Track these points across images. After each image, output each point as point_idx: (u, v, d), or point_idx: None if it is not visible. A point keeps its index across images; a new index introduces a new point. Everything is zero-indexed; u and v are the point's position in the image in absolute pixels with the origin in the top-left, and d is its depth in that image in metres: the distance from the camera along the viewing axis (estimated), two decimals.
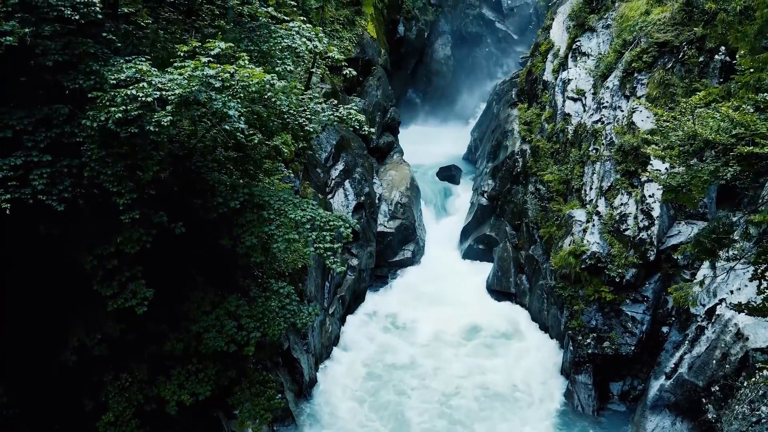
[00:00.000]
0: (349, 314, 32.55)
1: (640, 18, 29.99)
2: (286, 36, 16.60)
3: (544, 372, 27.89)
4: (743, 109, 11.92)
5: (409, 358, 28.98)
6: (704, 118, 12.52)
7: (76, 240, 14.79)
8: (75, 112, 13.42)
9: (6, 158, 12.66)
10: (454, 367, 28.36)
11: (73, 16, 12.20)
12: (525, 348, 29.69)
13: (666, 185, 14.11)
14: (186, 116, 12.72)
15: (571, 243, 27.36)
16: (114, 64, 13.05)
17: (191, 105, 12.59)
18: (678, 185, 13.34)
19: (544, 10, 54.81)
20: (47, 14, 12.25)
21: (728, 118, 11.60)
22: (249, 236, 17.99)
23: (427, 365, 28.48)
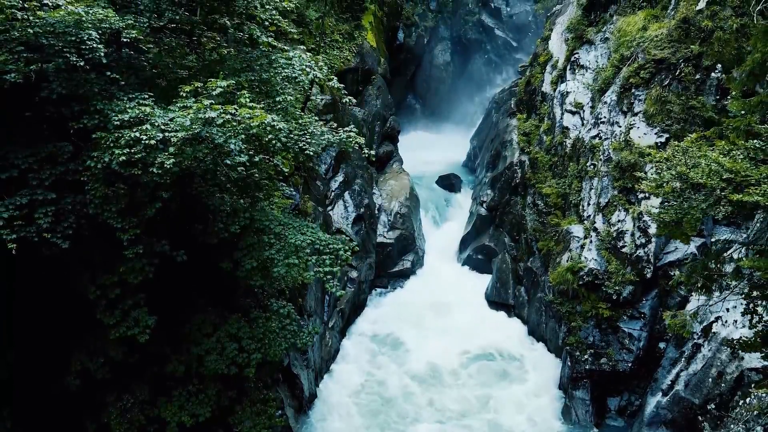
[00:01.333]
0: (348, 326, 32.77)
1: (637, 34, 30.17)
2: (285, 65, 16.81)
3: (543, 389, 28.09)
4: (734, 155, 12.16)
5: (408, 375, 29.09)
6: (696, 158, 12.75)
7: (79, 270, 15.01)
8: (79, 145, 13.65)
9: (12, 197, 12.90)
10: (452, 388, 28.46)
11: (78, 63, 12.42)
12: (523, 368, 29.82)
13: (659, 220, 14.35)
14: (188, 157, 12.92)
15: (569, 259, 27.59)
16: (118, 104, 13.27)
17: (194, 144, 12.81)
18: (671, 220, 13.58)
19: (543, 18, 54.98)
20: (52, 58, 12.48)
21: (718, 163, 11.84)
22: (249, 260, 18.24)
23: (426, 382, 28.59)
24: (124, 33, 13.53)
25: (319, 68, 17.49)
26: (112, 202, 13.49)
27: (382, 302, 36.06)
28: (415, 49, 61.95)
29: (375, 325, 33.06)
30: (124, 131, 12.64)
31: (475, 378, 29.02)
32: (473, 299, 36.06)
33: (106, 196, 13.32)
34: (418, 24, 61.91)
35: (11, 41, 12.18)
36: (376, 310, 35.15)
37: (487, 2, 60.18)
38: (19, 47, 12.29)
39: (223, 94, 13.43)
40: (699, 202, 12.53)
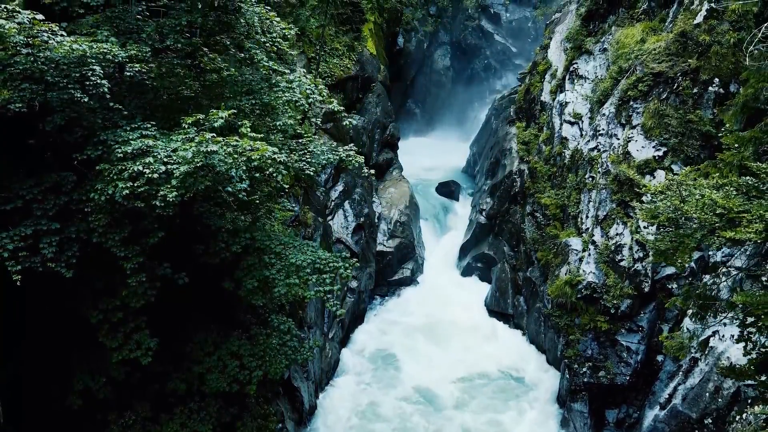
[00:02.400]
0: (348, 337, 32.97)
1: (635, 46, 30.30)
2: (286, 89, 16.97)
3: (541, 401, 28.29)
4: (727, 191, 12.33)
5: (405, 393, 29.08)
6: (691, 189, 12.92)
7: (81, 294, 15.19)
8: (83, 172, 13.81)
9: (17, 227, 13.08)
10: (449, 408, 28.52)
11: (83, 99, 12.60)
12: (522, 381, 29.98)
13: (654, 248, 14.51)
14: (191, 189, 13.10)
15: (568, 272, 27.76)
16: (121, 134, 13.45)
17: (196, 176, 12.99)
18: (666, 249, 13.76)
19: (543, 24, 55.13)
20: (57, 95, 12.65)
21: (711, 200, 12.01)
22: (250, 280, 18.41)
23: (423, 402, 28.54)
24: (128, 67, 13.68)
25: (318, 91, 17.67)
26: (116, 230, 13.68)
27: (382, 311, 36.25)
28: (415, 54, 62.19)
29: (374, 339, 33.05)
30: (128, 163, 12.82)
31: (471, 394, 28.98)
32: (473, 308, 36.25)
33: (109, 225, 13.50)
34: (418, 29, 62.10)
35: (15, 77, 12.34)
36: (376, 319, 35.35)
37: (486, 8, 60.32)
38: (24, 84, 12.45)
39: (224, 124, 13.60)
40: (694, 231, 12.71)
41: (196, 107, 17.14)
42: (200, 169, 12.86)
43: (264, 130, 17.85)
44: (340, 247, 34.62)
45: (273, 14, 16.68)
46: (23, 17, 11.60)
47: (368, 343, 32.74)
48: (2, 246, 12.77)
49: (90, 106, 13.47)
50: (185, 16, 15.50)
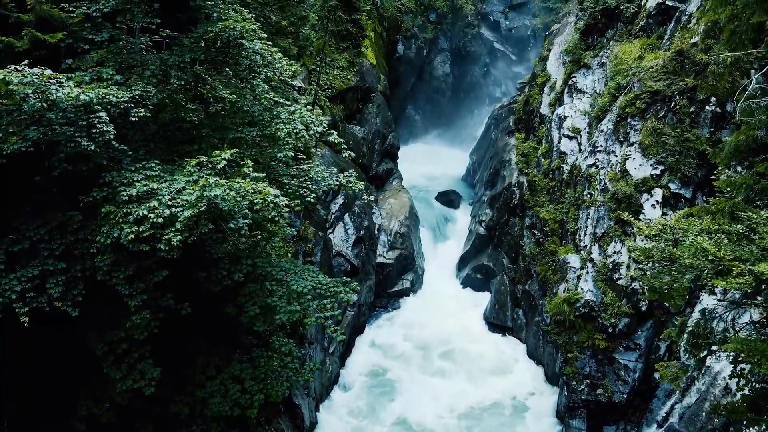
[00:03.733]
0: (349, 351, 33.17)
1: (633, 63, 30.53)
2: (287, 121, 17.22)
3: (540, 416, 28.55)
4: (719, 238, 12.59)
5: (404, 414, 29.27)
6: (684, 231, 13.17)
7: (87, 327, 15.45)
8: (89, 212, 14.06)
9: (24, 268, 13.33)
10: None
11: (89, 146, 12.85)
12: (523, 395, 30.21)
13: (650, 286, 14.77)
14: (195, 233, 13.36)
15: (566, 290, 28.02)
16: (126, 176, 13.70)
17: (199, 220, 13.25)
18: (661, 287, 14.01)
19: (542, 32, 55.36)
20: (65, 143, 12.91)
21: (703, 249, 12.25)
22: (252, 306, 18.67)
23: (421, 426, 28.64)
24: (133, 112, 13.92)
25: (319, 122, 17.92)
26: (120, 269, 13.93)
27: (382, 324, 36.46)
28: (415, 61, 62.39)
29: (374, 356, 33.01)
30: (133, 206, 13.08)
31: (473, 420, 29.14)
32: (472, 321, 36.48)
33: (114, 263, 13.76)
34: (418, 36, 62.29)
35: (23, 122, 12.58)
36: (376, 332, 35.55)
37: (486, 15, 60.60)
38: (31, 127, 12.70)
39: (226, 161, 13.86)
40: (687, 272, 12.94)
41: (198, 137, 17.39)
42: (204, 213, 13.11)
43: (266, 159, 18.12)
44: (340, 260, 34.87)
45: (275, 50, 16.91)
46: (32, 76, 11.82)
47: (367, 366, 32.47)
48: (10, 288, 13.05)
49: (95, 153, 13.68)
50: (188, 53, 15.75)
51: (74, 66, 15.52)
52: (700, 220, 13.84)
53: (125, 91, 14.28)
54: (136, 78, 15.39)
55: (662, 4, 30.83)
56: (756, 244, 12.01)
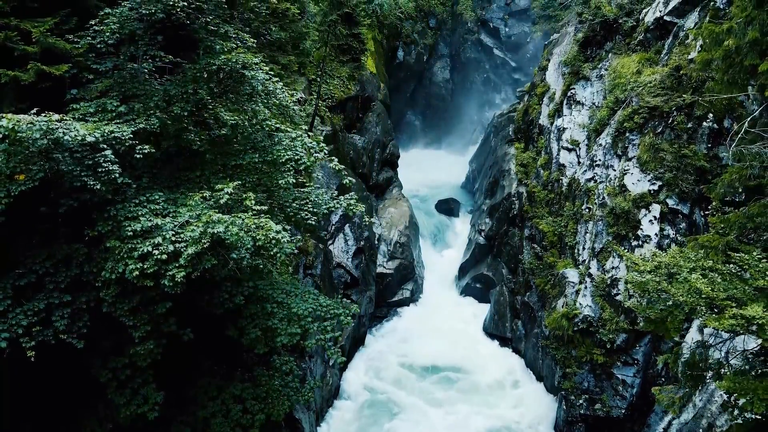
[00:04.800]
0: (349, 362, 33.39)
1: (631, 77, 30.73)
2: (288, 148, 17.44)
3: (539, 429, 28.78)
4: (712, 277, 12.81)
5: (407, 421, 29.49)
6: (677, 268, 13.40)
7: (91, 355, 15.67)
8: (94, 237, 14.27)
9: (30, 301, 13.55)
10: None
11: (95, 186, 13.07)
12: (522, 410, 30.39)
13: (645, 316, 14.99)
14: (198, 269, 13.57)
15: (564, 305, 28.25)
16: (130, 210, 13.92)
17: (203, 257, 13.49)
18: (656, 319, 14.23)
19: (542, 40, 55.55)
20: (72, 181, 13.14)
21: (696, 289, 12.47)
22: (253, 329, 18.87)
23: None
24: (138, 149, 14.14)
25: (320, 149, 18.13)
26: (124, 301, 14.16)
27: (382, 335, 36.68)
28: (415, 67, 62.66)
29: (373, 373, 33.06)
30: (137, 242, 13.29)
31: None
32: (471, 332, 36.80)
33: (118, 295, 14.00)
34: (418, 42, 62.57)
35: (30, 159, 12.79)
36: (376, 343, 35.77)
37: (485, 22, 60.78)
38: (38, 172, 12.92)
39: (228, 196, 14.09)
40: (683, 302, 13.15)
41: (201, 163, 17.60)
42: (207, 250, 13.34)
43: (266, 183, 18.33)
44: (340, 271, 35.11)
45: (276, 80, 17.12)
46: (40, 124, 12.03)
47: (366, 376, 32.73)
48: (17, 323, 13.27)
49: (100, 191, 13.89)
50: (191, 85, 15.96)
51: (79, 96, 15.71)
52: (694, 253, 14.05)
53: (130, 125, 14.49)
54: (140, 108, 15.59)
55: (660, 19, 31.00)
56: (748, 284, 12.26)
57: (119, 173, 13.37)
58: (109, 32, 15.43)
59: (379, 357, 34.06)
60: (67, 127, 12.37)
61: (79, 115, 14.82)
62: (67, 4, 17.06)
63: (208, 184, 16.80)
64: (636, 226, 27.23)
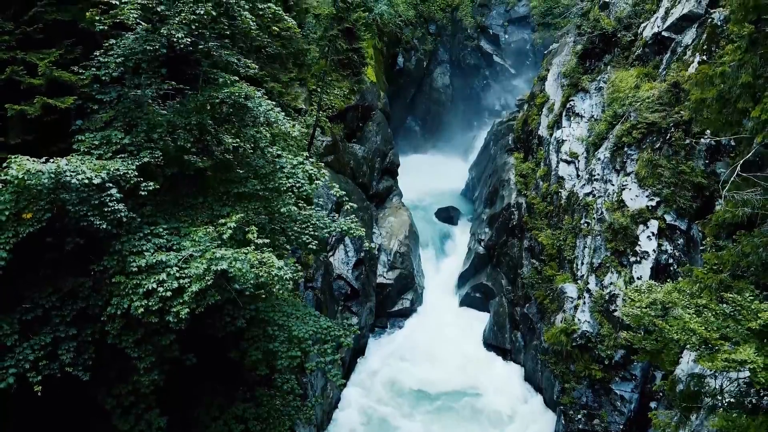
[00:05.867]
0: (349, 374, 33.62)
1: (630, 92, 30.92)
2: (290, 175, 17.68)
3: None
4: (705, 316, 13.05)
5: None
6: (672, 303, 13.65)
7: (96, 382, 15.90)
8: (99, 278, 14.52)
9: (37, 336, 13.81)
10: None
11: (101, 225, 13.31)
12: None
13: (641, 348, 15.23)
14: (202, 305, 13.83)
15: (563, 320, 28.49)
16: (135, 244, 14.17)
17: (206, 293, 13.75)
18: (652, 350, 14.47)
19: (541, 48, 55.69)
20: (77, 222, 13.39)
21: (690, 329, 12.71)
22: (254, 351, 19.12)
23: None
24: (143, 186, 14.37)
25: (321, 174, 18.39)
26: (129, 333, 14.41)
27: (382, 347, 36.79)
28: (415, 73, 62.81)
29: (373, 389, 33.18)
30: (142, 278, 13.55)
31: None
32: (471, 343, 36.92)
33: (123, 328, 14.25)
34: (418, 47, 62.74)
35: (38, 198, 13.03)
36: (376, 353, 35.93)
37: (485, 28, 60.93)
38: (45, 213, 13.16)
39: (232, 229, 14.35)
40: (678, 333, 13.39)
41: (203, 189, 17.84)
42: (211, 287, 13.59)
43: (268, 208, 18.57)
44: (341, 283, 35.34)
45: (278, 110, 17.35)
46: (49, 173, 12.26)
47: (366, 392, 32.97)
48: (24, 358, 13.52)
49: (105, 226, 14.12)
50: (194, 116, 16.20)
51: (84, 126, 15.95)
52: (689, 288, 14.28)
53: (134, 158, 14.73)
54: (144, 137, 15.82)
55: (658, 34, 31.21)
56: (741, 325, 12.50)
57: (124, 212, 13.59)
58: (114, 65, 15.65)
59: (379, 372, 34.16)
60: (74, 170, 12.59)
61: (85, 148, 15.05)
62: (71, 33, 17.32)
63: (210, 211, 17.05)
64: (634, 242, 27.46)
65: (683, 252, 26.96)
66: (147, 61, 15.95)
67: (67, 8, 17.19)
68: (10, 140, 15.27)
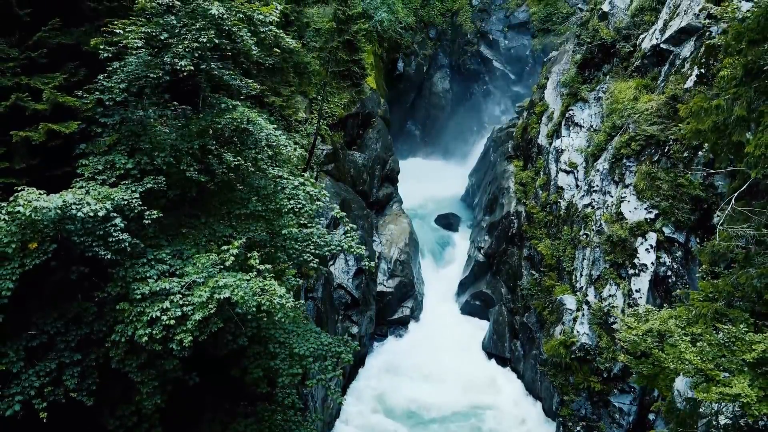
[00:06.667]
0: (350, 384, 33.81)
1: (628, 104, 31.13)
2: (291, 197, 17.89)
3: None
4: (700, 346, 13.25)
5: None
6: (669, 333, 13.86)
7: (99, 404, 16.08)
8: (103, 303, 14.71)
9: (41, 362, 14.00)
10: None
11: (105, 256, 13.51)
12: None
13: (638, 371, 15.43)
14: (205, 332, 14.04)
15: (562, 332, 28.69)
16: (138, 271, 14.36)
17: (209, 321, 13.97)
18: (648, 374, 14.67)
19: (541, 54, 55.91)
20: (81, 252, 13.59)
21: (687, 360, 12.92)
22: (256, 369, 19.30)
23: None
24: (146, 215, 14.56)
25: (322, 195, 18.59)
26: (133, 358, 14.61)
27: (382, 356, 36.94)
28: (415, 77, 63.04)
29: (371, 406, 33.29)
30: (146, 305, 13.74)
31: None
32: (471, 351, 37.11)
33: (126, 352, 14.44)
34: (418, 52, 62.98)
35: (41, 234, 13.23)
36: (376, 363, 36.11)
37: (485, 34, 61.10)
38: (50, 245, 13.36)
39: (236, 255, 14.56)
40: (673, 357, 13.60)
41: (205, 210, 18.02)
42: (214, 314, 13.80)
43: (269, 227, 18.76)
44: (341, 292, 35.52)
45: (280, 133, 17.54)
46: (56, 210, 12.45)
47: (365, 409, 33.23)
48: (30, 384, 13.72)
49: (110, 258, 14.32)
50: (197, 141, 16.39)
51: (87, 150, 16.11)
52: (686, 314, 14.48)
53: (138, 185, 14.92)
54: (147, 160, 16.01)
55: (657, 46, 31.39)
56: (736, 356, 12.69)
57: (128, 241, 13.79)
58: (118, 90, 15.85)
59: (378, 385, 34.20)
60: (79, 203, 12.78)
61: (89, 173, 15.24)
62: (75, 56, 17.49)
63: (212, 232, 17.23)
64: (633, 255, 27.65)
65: (681, 264, 27.15)
66: (150, 87, 16.14)
67: (71, 31, 17.38)
68: (15, 165, 15.45)
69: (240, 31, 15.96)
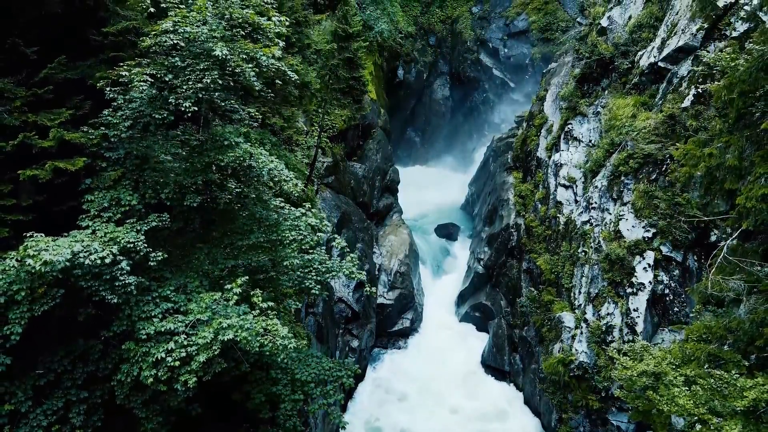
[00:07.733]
0: (350, 397, 34.09)
1: (627, 121, 31.36)
2: (292, 228, 18.17)
3: None
4: (693, 390, 13.53)
5: None
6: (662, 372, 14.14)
7: None
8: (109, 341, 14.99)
9: (49, 400, 14.28)
10: None
11: (112, 300, 13.79)
12: None
13: (633, 407, 15.69)
14: (210, 373, 14.32)
15: (560, 350, 28.97)
16: (143, 309, 14.63)
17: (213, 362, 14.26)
18: (644, 410, 14.95)
19: (541, 63, 56.15)
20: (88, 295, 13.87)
21: (680, 405, 13.20)
22: (257, 393, 19.58)
23: None
24: (152, 257, 14.83)
25: (323, 226, 18.87)
26: (138, 395, 14.89)
27: (383, 368, 37.25)
28: (415, 85, 63.37)
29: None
30: (151, 345, 14.01)
31: None
32: (470, 365, 37.39)
33: (132, 389, 14.73)
34: (418, 59, 63.30)
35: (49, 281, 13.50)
36: (376, 376, 36.39)
37: (485, 42, 61.33)
38: (57, 291, 13.64)
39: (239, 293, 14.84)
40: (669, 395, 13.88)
41: (208, 241, 18.29)
42: (218, 356, 14.07)
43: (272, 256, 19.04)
44: (341, 306, 35.82)
45: (281, 167, 17.78)
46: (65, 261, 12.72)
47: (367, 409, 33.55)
48: (38, 424, 14.00)
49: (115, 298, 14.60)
50: (200, 176, 16.65)
51: (93, 185, 16.36)
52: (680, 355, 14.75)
53: (143, 223, 15.19)
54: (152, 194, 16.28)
55: (654, 64, 31.62)
56: (728, 401, 12.96)
57: (134, 283, 14.06)
58: (123, 128, 16.12)
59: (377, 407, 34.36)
60: (87, 251, 13.05)
61: (95, 210, 15.49)
62: (80, 89, 17.73)
63: (215, 263, 17.50)
64: (631, 273, 27.92)
65: (679, 283, 27.41)
66: (154, 125, 16.41)
67: (76, 65, 17.61)
68: (22, 202, 15.69)
69: (243, 72, 16.19)
